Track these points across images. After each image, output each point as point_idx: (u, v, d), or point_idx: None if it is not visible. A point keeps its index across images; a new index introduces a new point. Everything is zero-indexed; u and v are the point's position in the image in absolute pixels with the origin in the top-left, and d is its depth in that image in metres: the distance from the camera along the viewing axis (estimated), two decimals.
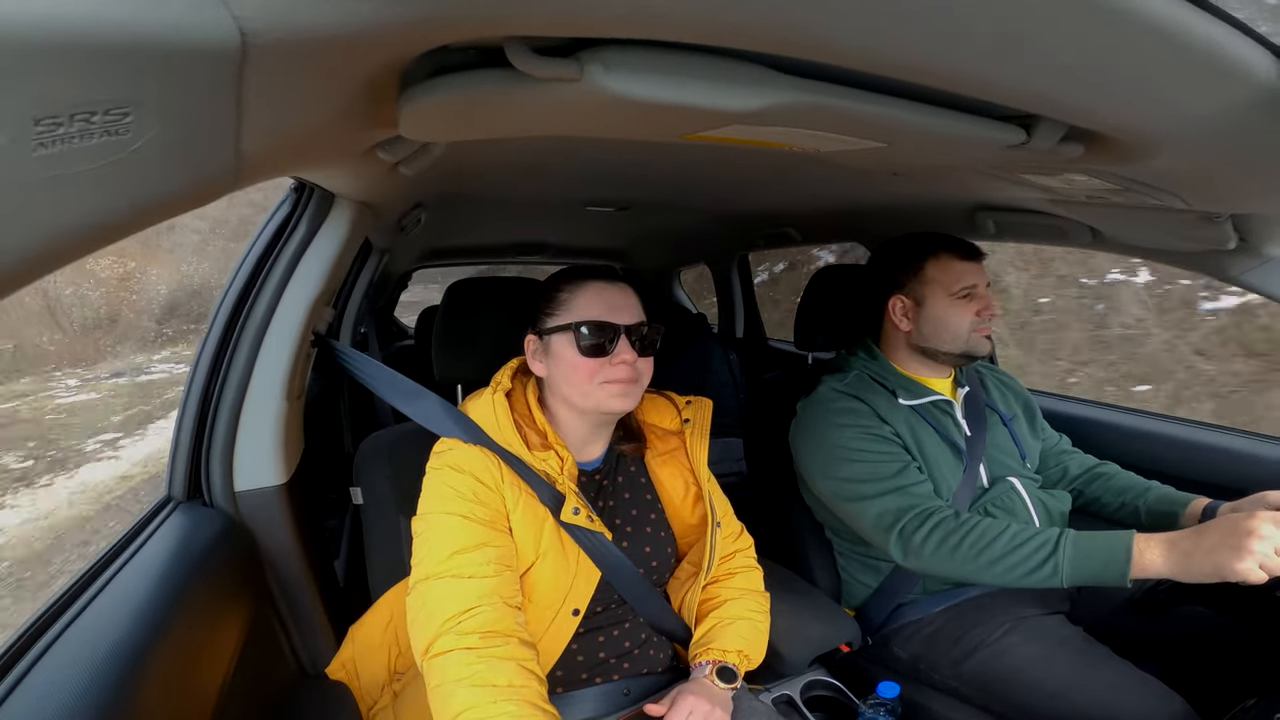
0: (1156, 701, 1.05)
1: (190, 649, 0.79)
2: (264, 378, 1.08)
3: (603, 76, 0.48)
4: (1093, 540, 1.06)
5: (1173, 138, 0.60)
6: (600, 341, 0.98)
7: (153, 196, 0.39)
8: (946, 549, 1.14)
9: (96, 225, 0.36)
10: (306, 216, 1.09)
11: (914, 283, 1.34)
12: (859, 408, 1.30)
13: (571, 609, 0.99)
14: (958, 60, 0.46)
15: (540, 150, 1.22)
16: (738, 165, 1.34)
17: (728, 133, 0.63)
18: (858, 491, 1.24)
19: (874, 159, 0.80)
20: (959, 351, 1.33)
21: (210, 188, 0.44)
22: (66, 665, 0.66)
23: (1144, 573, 1.00)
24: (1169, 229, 1.13)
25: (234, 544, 1.02)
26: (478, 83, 0.52)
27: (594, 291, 1.01)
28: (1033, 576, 1.07)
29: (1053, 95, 0.51)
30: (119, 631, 0.72)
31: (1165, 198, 0.81)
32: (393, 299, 3.90)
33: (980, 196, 1.40)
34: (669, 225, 2.40)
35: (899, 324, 1.36)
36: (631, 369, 0.99)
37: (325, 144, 0.63)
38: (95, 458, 8.00)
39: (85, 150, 0.31)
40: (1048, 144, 0.61)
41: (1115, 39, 0.44)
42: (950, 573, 1.15)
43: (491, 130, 0.66)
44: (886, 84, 0.54)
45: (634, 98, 0.50)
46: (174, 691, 0.73)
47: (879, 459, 1.25)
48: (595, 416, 1.04)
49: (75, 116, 0.30)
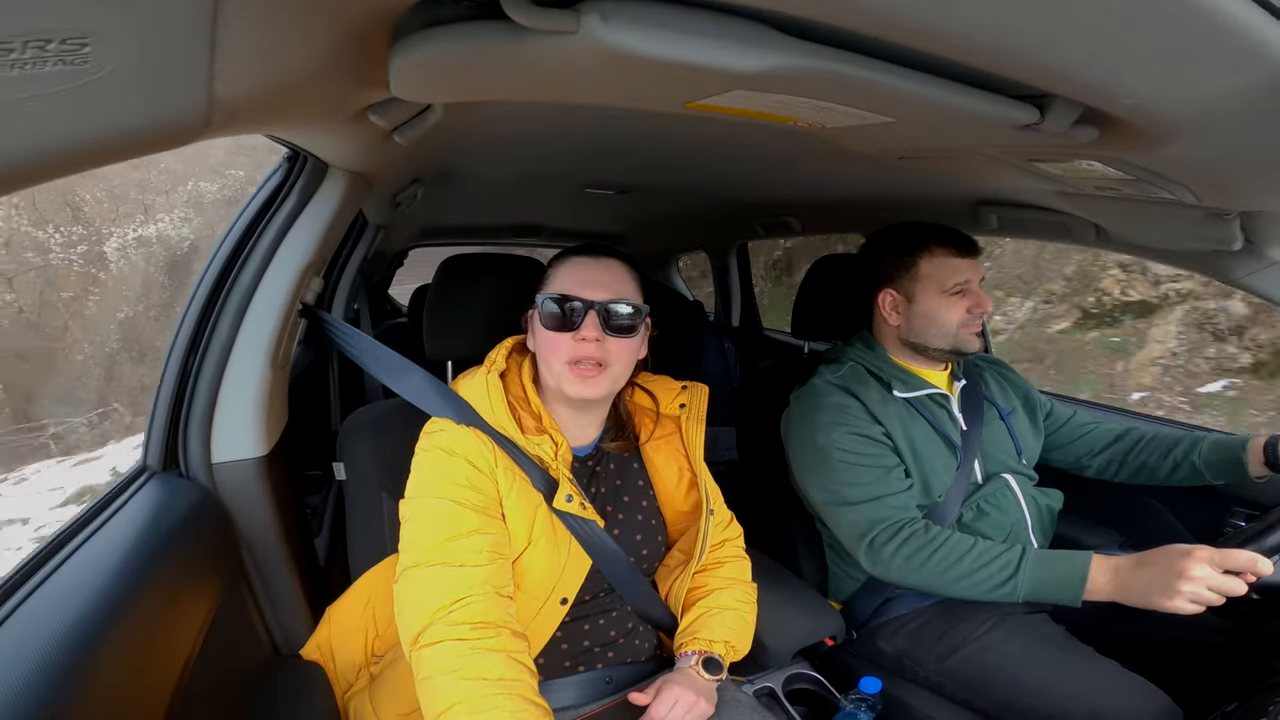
0: (1140, 698, 1.05)
1: (156, 625, 0.77)
2: (247, 346, 1.05)
3: (600, 28, 0.46)
4: (1053, 560, 1.11)
5: (1191, 124, 0.58)
6: (564, 317, 0.96)
7: (116, 131, 0.37)
8: (915, 564, 1.17)
9: (51, 152, 0.34)
10: (299, 185, 1.06)
11: (906, 278, 1.32)
12: (850, 404, 1.29)
13: (560, 597, 0.97)
14: (972, 27, 0.44)
15: (540, 127, 1.19)
16: (740, 150, 1.32)
17: (731, 101, 0.61)
18: (837, 496, 1.26)
19: (881, 138, 0.78)
20: (948, 348, 1.32)
21: (181, 130, 0.42)
22: (21, 638, 0.64)
23: (1092, 596, 1.06)
24: (1175, 227, 1.11)
25: (209, 518, 1.00)
26: (472, 35, 0.49)
27: (573, 266, 1.00)
28: (994, 594, 1.12)
29: (1070, 72, 0.49)
30: (80, 605, 0.70)
31: (1177, 190, 0.80)
32: (388, 276, 3.87)
33: (984, 190, 1.38)
34: (668, 210, 2.37)
35: (888, 318, 1.35)
36: (596, 347, 0.96)
37: (313, 100, 0.61)
38: None
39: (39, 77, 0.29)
40: (1061, 126, 0.59)
41: (1138, 12, 0.42)
42: (916, 585, 1.19)
43: (486, 90, 0.64)
44: (897, 53, 0.52)
45: (632, 52, 0.48)
46: (135, 668, 0.72)
47: (863, 462, 1.25)
48: (573, 402, 1.02)
49: (29, 43, 0.27)
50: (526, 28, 0.47)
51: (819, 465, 1.28)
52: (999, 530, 1.30)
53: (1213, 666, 1.15)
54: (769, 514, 1.52)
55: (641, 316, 1.01)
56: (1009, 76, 0.52)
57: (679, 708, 0.92)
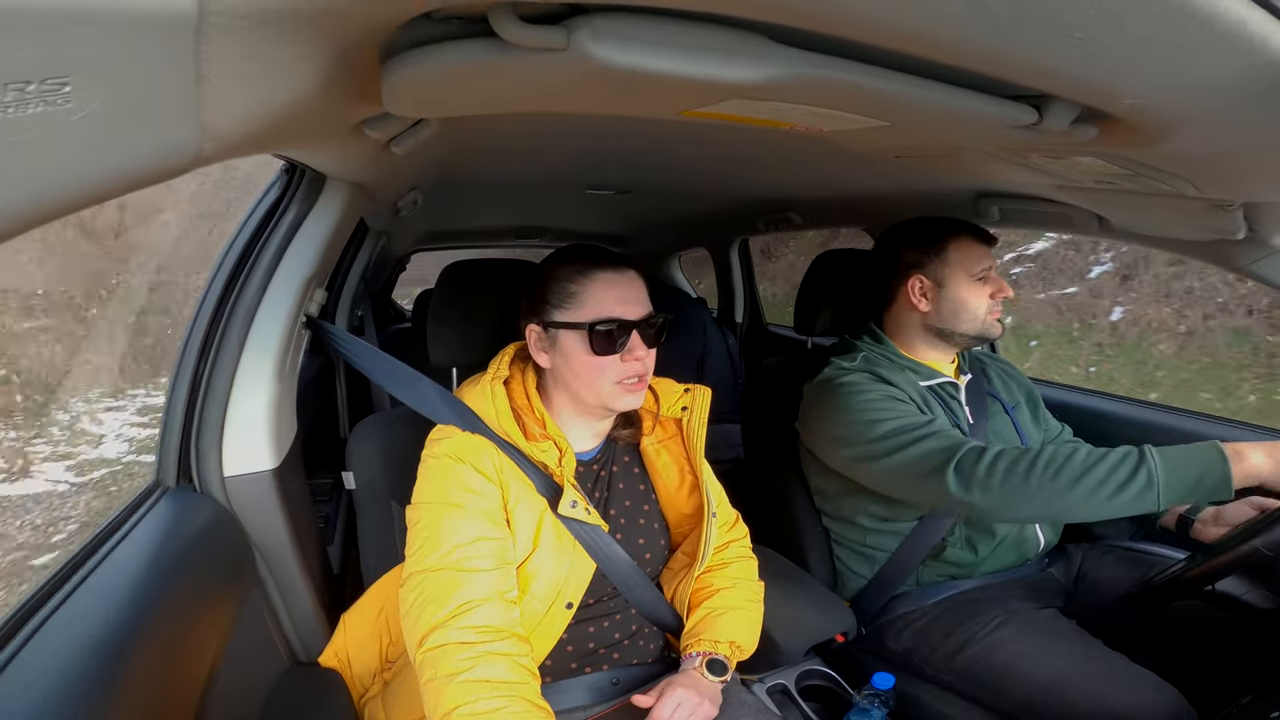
0: (1151, 694, 1.04)
1: (178, 637, 0.78)
2: (254, 360, 1.06)
3: (591, 45, 0.46)
4: (1179, 450, 0.97)
5: (1189, 120, 0.57)
6: (613, 339, 0.96)
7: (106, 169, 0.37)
8: (1017, 476, 1.02)
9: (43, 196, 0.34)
10: (298, 197, 1.06)
11: (935, 263, 1.32)
12: (874, 378, 1.29)
13: (565, 602, 0.98)
14: (969, 32, 0.44)
15: (538, 132, 1.19)
16: (740, 148, 1.31)
17: (728, 109, 0.61)
18: (895, 444, 1.16)
19: (878, 139, 0.78)
20: (974, 333, 1.32)
21: (173, 163, 0.42)
22: (51, 653, 0.65)
23: (1248, 479, 0.92)
24: (1178, 217, 1.10)
25: (223, 531, 1.01)
26: (462, 54, 0.49)
27: (604, 285, 0.98)
28: (1124, 492, 0.95)
29: (1067, 73, 0.49)
30: (104, 619, 0.71)
31: (1177, 184, 0.79)
32: (390, 281, 3.88)
33: (985, 183, 1.37)
34: (670, 209, 2.37)
35: (917, 304, 1.34)
36: (643, 364, 0.98)
37: (306, 121, 0.61)
38: None
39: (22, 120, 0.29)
40: (1060, 125, 0.58)
41: (1134, 12, 0.41)
42: (1023, 503, 1.02)
43: (479, 105, 0.64)
44: (891, 58, 0.51)
45: (623, 68, 0.48)
46: (160, 680, 0.73)
47: (906, 414, 1.22)
48: (600, 412, 1.03)
49: (8, 85, 0.28)
50: (516, 45, 0.48)
51: (862, 427, 1.22)
52: (1008, 525, 1.29)
53: (1227, 659, 1.14)
54: (777, 511, 1.52)
55: (666, 324, 1.02)
56: (1006, 79, 0.52)
57: (682, 709, 0.92)
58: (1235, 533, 1.05)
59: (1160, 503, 0.95)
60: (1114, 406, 1.68)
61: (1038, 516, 1.04)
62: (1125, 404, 1.70)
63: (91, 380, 6.47)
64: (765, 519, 1.55)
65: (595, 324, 0.95)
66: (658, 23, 0.47)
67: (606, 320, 0.95)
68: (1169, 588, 1.11)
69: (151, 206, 7.52)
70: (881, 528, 1.33)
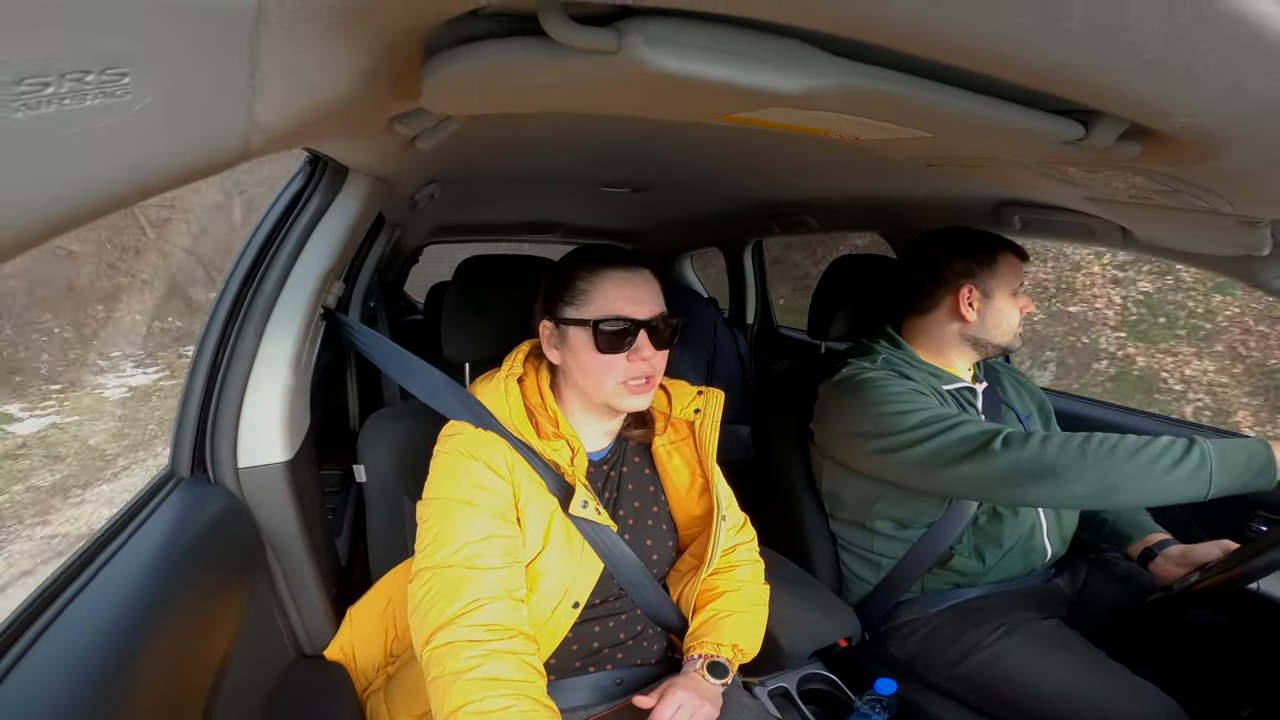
0: (1153, 707, 1.04)
1: (190, 627, 0.79)
2: (272, 352, 1.06)
3: (642, 49, 0.45)
4: (1225, 440, 0.99)
5: (1238, 139, 0.56)
6: (620, 338, 0.95)
7: (157, 163, 0.36)
8: (1071, 450, 1.01)
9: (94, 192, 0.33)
10: (320, 189, 1.06)
11: (986, 274, 1.33)
12: (897, 375, 1.30)
13: (572, 601, 0.98)
14: (1023, 47, 0.43)
15: (559, 129, 1.19)
16: (760, 150, 1.30)
17: (765, 115, 0.60)
18: (931, 431, 1.15)
19: (914, 149, 0.77)
20: (1004, 344, 1.35)
21: (222, 157, 0.42)
22: (67, 642, 0.65)
23: None
24: (1206, 232, 1.09)
25: (236, 523, 1.01)
26: (508, 52, 0.48)
27: (614, 283, 0.98)
28: (1179, 469, 0.95)
29: (1126, 91, 0.48)
30: (120, 609, 0.71)
31: (1213, 200, 0.78)
32: (403, 273, 3.87)
33: (1010, 192, 1.36)
34: (684, 208, 2.36)
35: (965, 313, 1.33)
36: (650, 365, 0.97)
37: (345, 115, 0.60)
38: None
39: (79, 112, 0.29)
40: (1105, 141, 0.57)
41: (1204, 35, 0.40)
42: (1077, 477, 1.00)
43: (519, 104, 0.63)
44: (940, 71, 0.51)
45: (672, 73, 0.47)
46: (173, 669, 0.73)
47: (936, 405, 1.23)
48: (608, 411, 1.02)
49: (66, 76, 0.27)
50: (565, 45, 0.47)
51: (891, 419, 1.20)
52: (1014, 534, 1.29)
53: (1228, 672, 1.14)
54: (785, 515, 1.52)
55: (677, 326, 1.01)
56: (1057, 94, 0.51)
57: (682, 711, 0.92)
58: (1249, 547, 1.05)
59: (1211, 484, 0.95)
60: (1126, 419, 1.67)
61: (1090, 492, 0.99)
62: (1137, 416, 1.69)
63: None
64: (772, 521, 1.55)
65: (601, 321, 0.95)
66: (710, 28, 0.46)
67: (613, 318, 0.95)
68: (1175, 601, 1.11)
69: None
70: (894, 534, 1.33)
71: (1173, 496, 0.97)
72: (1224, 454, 0.97)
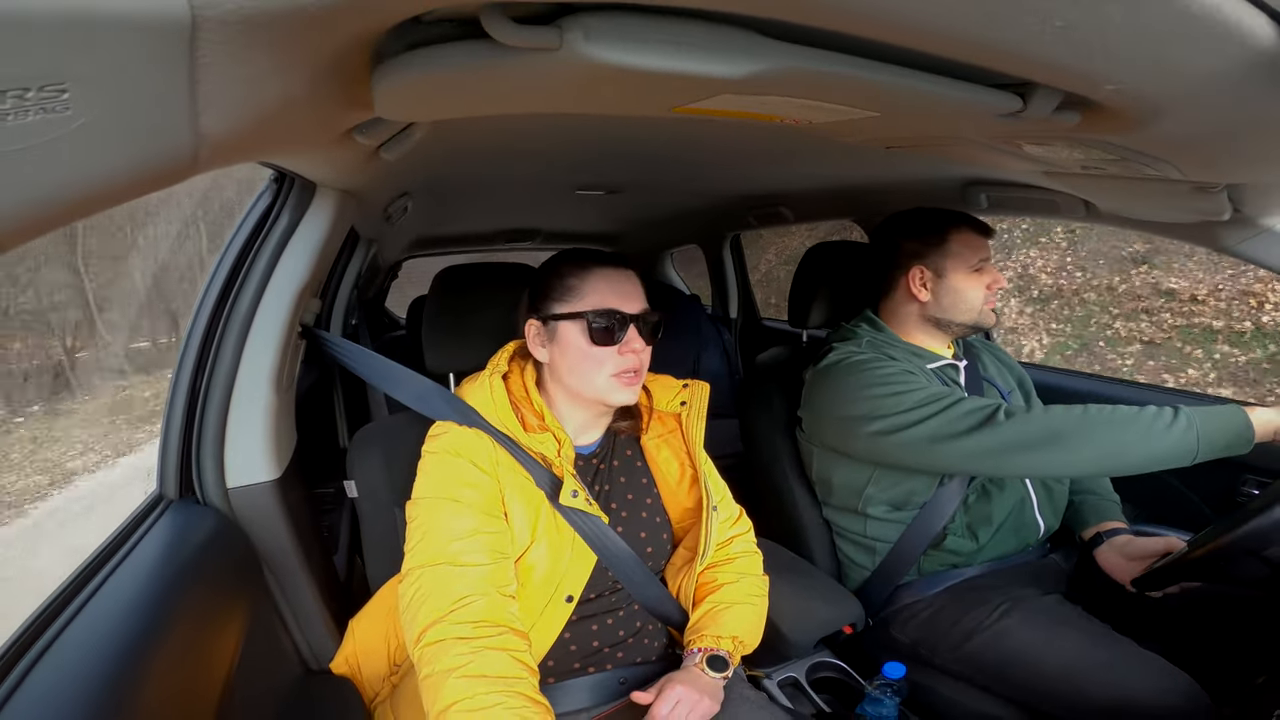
0: (1161, 678, 1.04)
1: (189, 650, 0.78)
2: (251, 373, 1.06)
3: (583, 45, 0.46)
4: (1209, 409, 1.05)
5: (1169, 105, 0.58)
6: (611, 330, 0.97)
7: (103, 178, 0.37)
8: (1073, 416, 1.07)
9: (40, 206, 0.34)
10: (288, 206, 1.06)
11: (936, 254, 1.34)
12: (884, 357, 1.31)
13: (565, 595, 0.98)
14: (952, 21, 0.44)
15: (528, 134, 1.20)
16: (729, 145, 1.32)
17: (718, 104, 0.61)
18: (931, 410, 1.17)
19: (868, 131, 0.78)
20: (970, 323, 1.34)
21: (169, 170, 0.42)
22: (62, 671, 0.64)
23: (1263, 424, 1.01)
24: (1164, 201, 1.12)
25: (229, 542, 1.01)
26: (454, 56, 0.50)
27: (603, 278, 1.00)
28: (1171, 431, 1.01)
29: (1048, 60, 0.49)
30: (115, 635, 0.71)
31: (1162, 167, 0.80)
32: (384, 289, 3.86)
33: (974, 171, 1.38)
34: (660, 206, 2.37)
35: (917, 294, 1.35)
36: (639, 358, 0.99)
37: (298, 126, 0.61)
38: None
39: (21, 129, 0.30)
40: (1044, 112, 0.59)
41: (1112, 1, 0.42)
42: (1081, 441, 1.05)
43: (472, 108, 0.64)
44: (879, 50, 0.52)
45: (616, 65, 0.48)
46: (174, 694, 0.72)
47: (930, 384, 1.24)
48: (597, 406, 1.04)
49: (7, 93, 0.28)
50: (509, 46, 0.48)
51: (878, 403, 1.21)
52: (1004, 510, 1.30)
53: (1234, 640, 1.14)
54: (779, 505, 1.53)
55: (662, 321, 1.04)
56: (990, 67, 0.53)
57: (681, 707, 0.92)
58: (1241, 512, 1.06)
59: (1199, 447, 1.00)
60: (1104, 388, 1.70)
61: (1096, 455, 1.04)
62: (1115, 385, 1.71)
63: None
64: (766, 513, 1.55)
65: (594, 314, 0.97)
66: (648, 20, 0.47)
67: (605, 311, 0.97)
68: (1173, 569, 1.12)
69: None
70: (887, 517, 1.33)
71: (1166, 460, 1.02)
72: (1208, 420, 1.03)
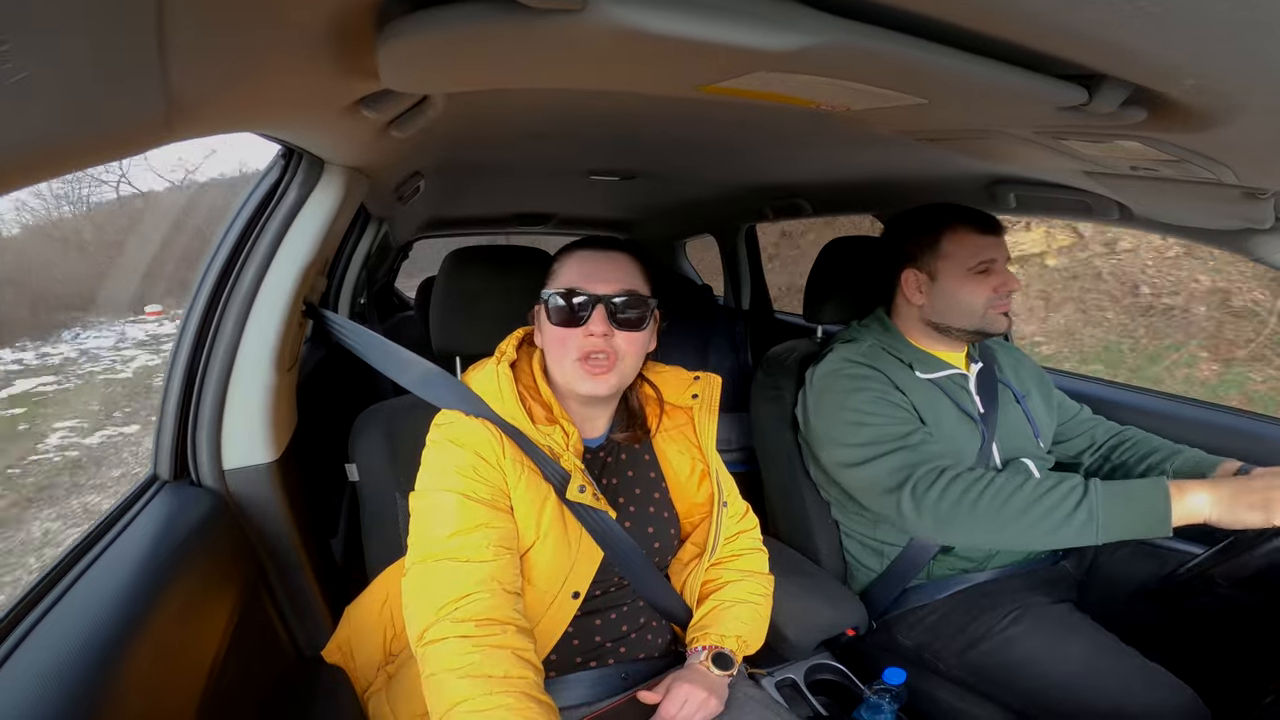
0: (1165, 693, 1.03)
1: (178, 633, 0.77)
2: (252, 351, 1.03)
3: (610, 5, 0.42)
4: (1124, 487, 0.99)
5: (1249, 105, 0.54)
6: (571, 311, 0.94)
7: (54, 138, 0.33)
8: (966, 504, 1.06)
9: None
10: (296, 182, 1.03)
11: (928, 256, 1.29)
12: (874, 374, 1.27)
13: (571, 591, 0.96)
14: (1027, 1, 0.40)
15: (542, 115, 1.16)
16: (748, 131, 1.27)
17: (750, 83, 0.57)
18: (867, 454, 1.17)
19: (907, 119, 0.74)
20: (973, 328, 1.29)
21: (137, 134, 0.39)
22: (46, 653, 0.63)
23: (1188, 517, 0.94)
24: (1208, 205, 1.07)
25: (223, 525, 0.99)
26: (467, 17, 0.45)
27: (579, 260, 0.97)
28: (1065, 529, 0.99)
29: (1128, 49, 0.45)
30: (101, 617, 0.69)
31: (1219, 170, 0.75)
32: (393, 269, 3.83)
33: (1005, 168, 1.33)
34: (675, 195, 2.33)
35: (911, 298, 1.32)
36: (604, 342, 0.94)
37: (295, 95, 0.57)
38: None
39: None
40: (1109, 106, 0.54)
41: None
42: (968, 531, 1.06)
43: (482, 78, 0.60)
44: (936, 29, 0.47)
45: (644, 32, 0.43)
46: (161, 676, 0.71)
47: (890, 421, 1.21)
48: (576, 397, 0.99)
49: None
50: (528, 6, 0.44)
51: (842, 429, 1.22)
52: None
53: (1241, 656, 1.13)
54: (787, 502, 1.50)
55: (650, 309, 0.98)
56: (1060, 55, 0.48)
57: (689, 705, 0.91)
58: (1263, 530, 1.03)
59: (1098, 538, 0.97)
60: (1127, 396, 1.65)
61: (981, 544, 1.10)
62: (1138, 394, 1.67)
63: None
64: (774, 510, 1.53)
65: (554, 293, 0.95)
66: None
67: (566, 291, 0.94)
68: (1193, 583, 1.09)
69: None
70: None
71: (1062, 544, 1.02)
72: (1113, 507, 0.98)
